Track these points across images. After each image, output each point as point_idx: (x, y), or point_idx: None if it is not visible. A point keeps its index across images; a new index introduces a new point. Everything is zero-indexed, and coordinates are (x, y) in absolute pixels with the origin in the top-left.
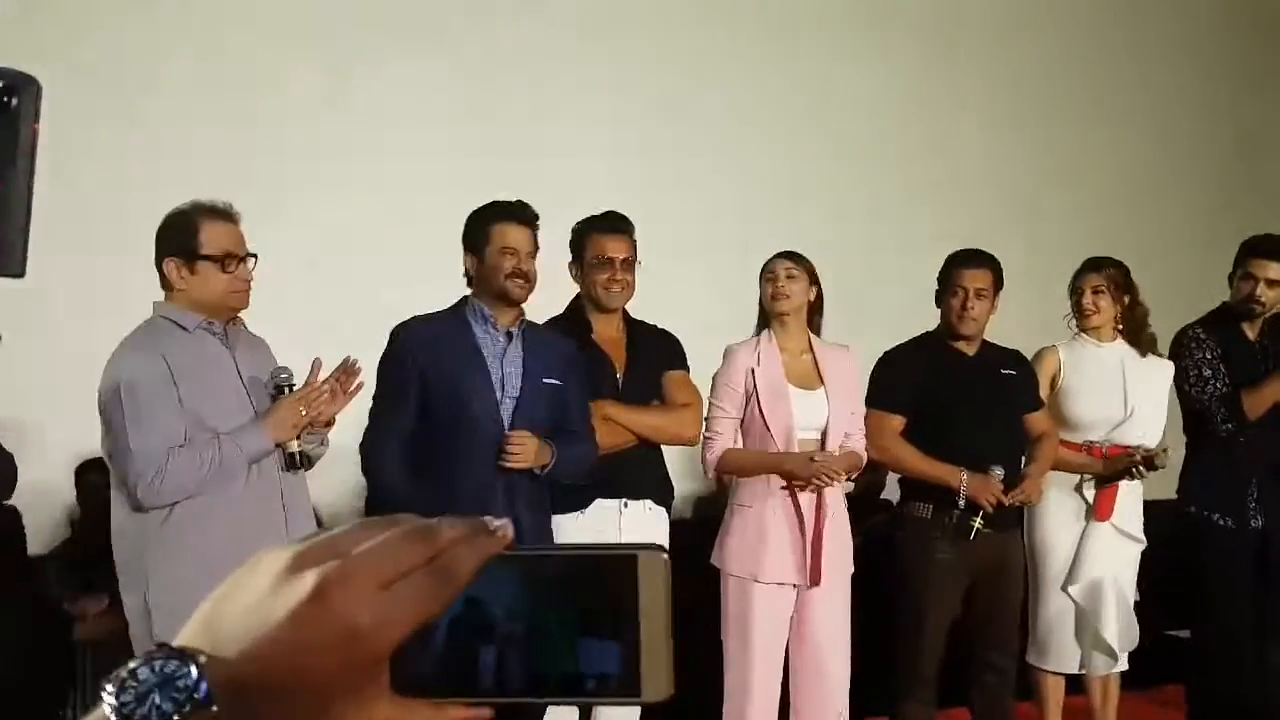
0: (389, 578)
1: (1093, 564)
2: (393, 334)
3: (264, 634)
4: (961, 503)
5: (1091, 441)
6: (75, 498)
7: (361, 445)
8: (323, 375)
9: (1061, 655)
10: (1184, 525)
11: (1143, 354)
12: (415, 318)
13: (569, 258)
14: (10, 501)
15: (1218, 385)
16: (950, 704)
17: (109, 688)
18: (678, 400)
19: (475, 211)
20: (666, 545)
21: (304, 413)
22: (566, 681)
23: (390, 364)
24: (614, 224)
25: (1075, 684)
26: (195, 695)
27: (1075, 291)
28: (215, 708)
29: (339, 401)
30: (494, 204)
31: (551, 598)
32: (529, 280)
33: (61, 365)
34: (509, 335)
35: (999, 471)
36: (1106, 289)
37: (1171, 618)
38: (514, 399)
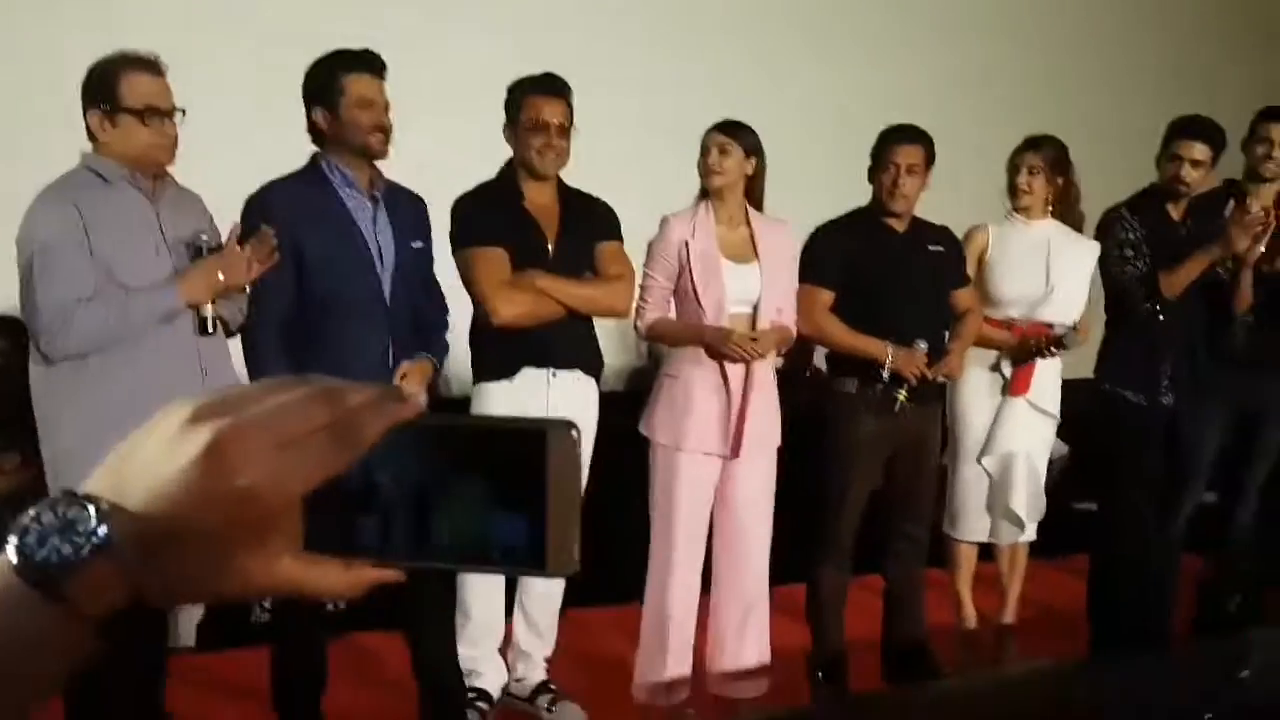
0: (287, 437)
1: (1007, 438)
2: (250, 204)
3: (161, 486)
4: (886, 376)
5: (1013, 318)
6: None
7: (242, 335)
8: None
9: (973, 524)
10: (1099, 402)
11: (1072, 232)
12: (274, 183)
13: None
14: None
15: (1138, 265)
16: (865, 572)
17: (13, 532)
18: (610, 272)
19: (321, 61)
20: (596, 415)
21: (220, 277)
22: (473, 550)
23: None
24: (551, 86)
25: (987, 553)
26: (94, 539)
27: (1012, 169)
28: (114, 552)
29: (255, 270)
30: (342, 53)
31: (461, 467)
32: (388, 134)
33: None
34: (374, 199)
35: (924, 345)
36: (1042, 169)
37: (1081, 491)
38: (391, 271)
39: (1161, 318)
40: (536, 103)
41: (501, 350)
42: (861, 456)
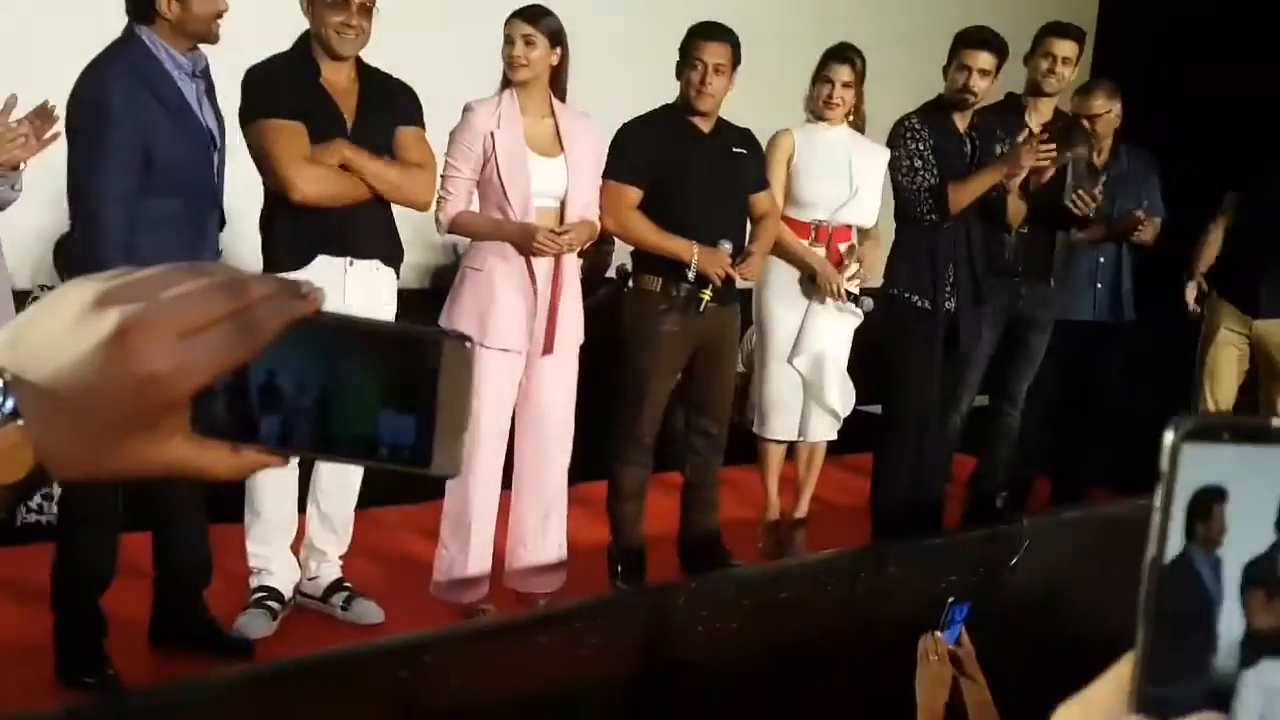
0: (190, 327)
1: (817, 338)
2: (88, 80)
3: (64, 366)
4: (691, 275)
5: (819, 220)
6: None
7: (78, 212)
8: (17, 115)
9: (783, 424)
10: (886, 306)
11: (863, 138)
12: (107, 63)
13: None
14: None
15: (926, 176)
16: (664, 469)
17: None
18: (410, 159)
19: None
20: (394, 310)
21: (13, 146)
22: (362, 445)
23: (108, 116)
24: None
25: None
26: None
27: (823, 80)
28: (20, 422)
29: (32, 147)
30: None
31: (356, 365)
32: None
33: None
34: (195, 77)
35: (727, 246)
36: (853, 84)
37: (865, 394)
38: (220, 150)
39: (945, 227)
40: None
41: (295, 236)
42: (663, 354)
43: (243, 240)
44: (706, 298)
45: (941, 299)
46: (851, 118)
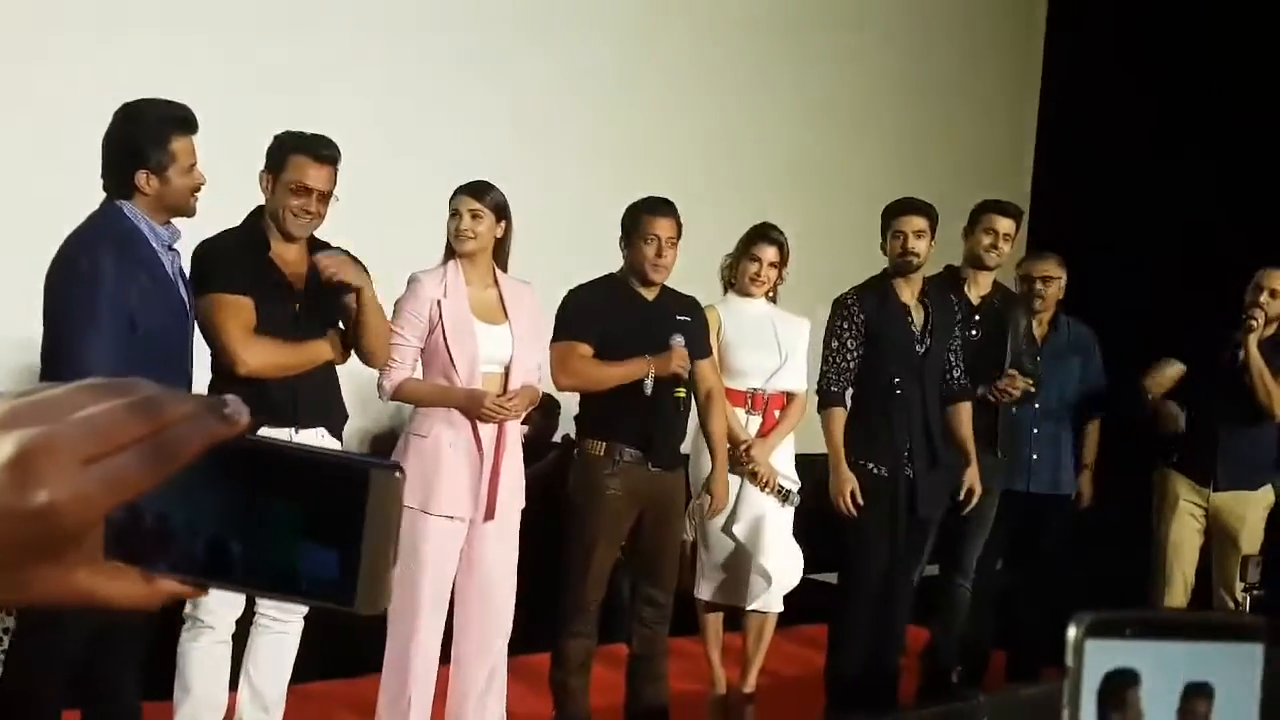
0: (97, 452)
1: (753, 503)
2: (78, 247)
3: None
4: (650, 385)
5: (755, 389)
6: None
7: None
8: None
9: (726, 589)
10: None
11: (780, 310)
12: (93, 224)
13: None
14: None
15: (845, 356)
16: (609, 640)
17: None
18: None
19: (149, 121)
20: None
21: None
22: (282, 578)
23: (100, 282)
24: (321, 151)
25: (732, 625)
26: None
27: (749, 259)
28: None
29: None
30: (175, 116)
31: (278, 494)
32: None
33: None
34: (170, 248)
35: (679, 339)
36: (777, 264)
37: (818, 563)
38: (191, 326)
39: (898, 394)
40: (302, 164)
41: None
42: (608, 517)
43: None
44: (681, 394)
45: (900, 465)
46: (771, 294)
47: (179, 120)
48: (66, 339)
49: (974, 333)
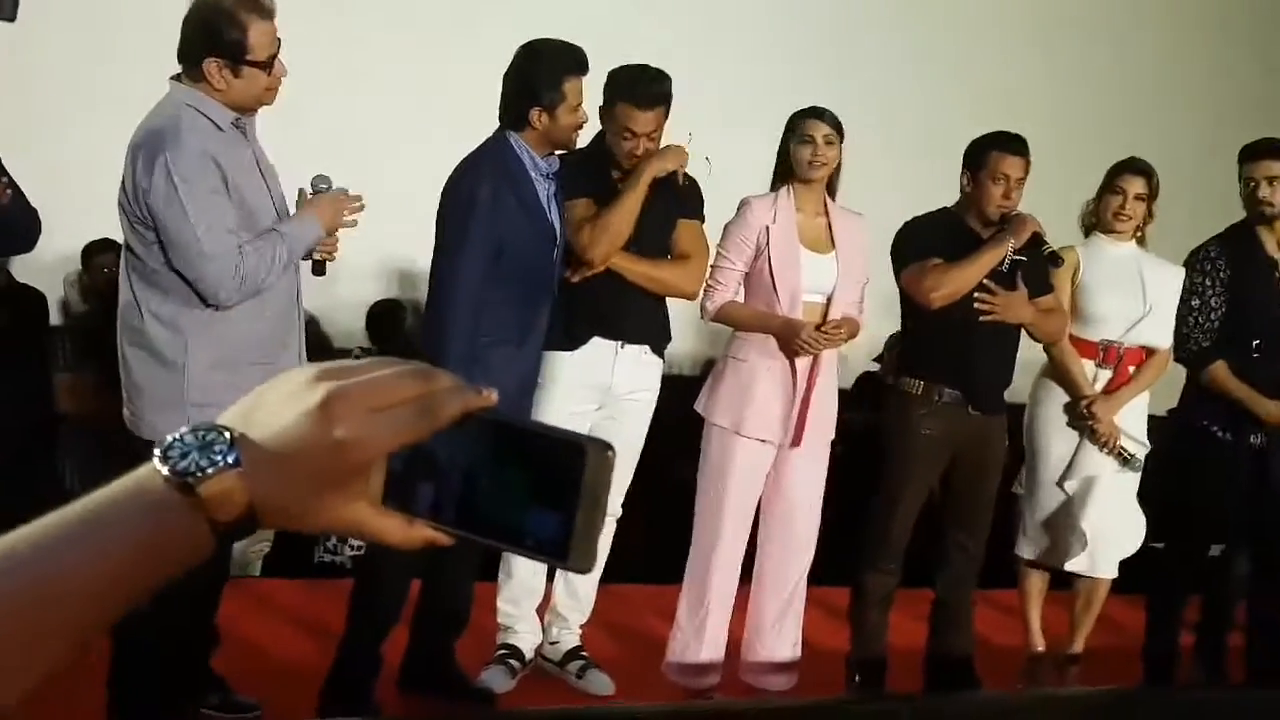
0: (382, 404)
1: (1092, 463)
2: (462, 175)
3: (281, 428)
4: (1009, 261)
5: (1109, 341)
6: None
7: (434, 287)
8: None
9: (1050, 549)
10: (1181, 438)
11: (1154, 256)
12: (480, 154)
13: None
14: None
15: (1207, 314)
16: (914, 585)
17: (158, 447)
18: (684, 250)
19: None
20: (657, 393)
21: (345, 215)
22: (510, 532)
23: (474, 209)
24: (648, 99)
25: (1065, 583)
26: (226, 457)
27: (1113, 191)
28: (240, 470)
29: (350, 219)
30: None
31: (513, 461)
32: None
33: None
34: (549, 178)
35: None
36: (1146, 198)
37: (1155, 530)
38: (558, 249)
39: (1256, 355)
40: (632, 113)
41: (572, 319)
42: (920, 459)
43: None
44: (1048, 250)
45: (1246, 430)
46: (1140, 234)
47: (574, 62)
48: (442, 257)
49: None
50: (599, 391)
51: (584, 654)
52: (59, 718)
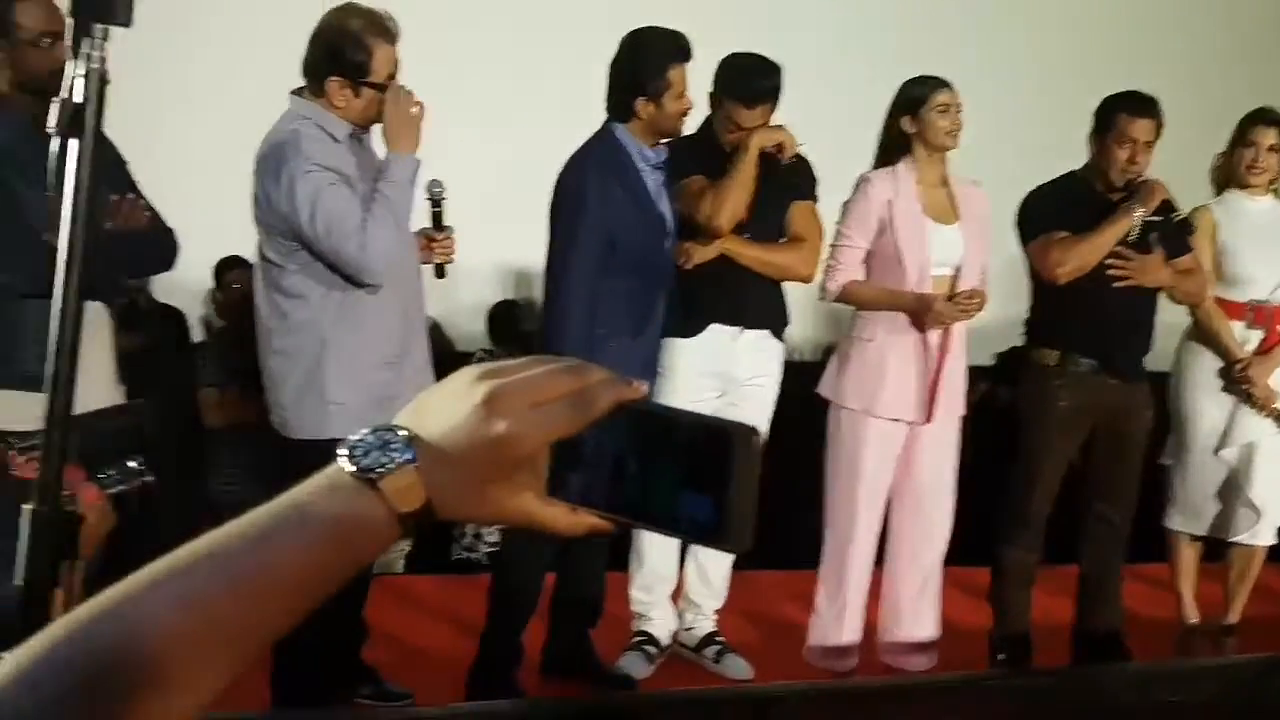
0: (540, 399)
1: (1248, 428)
2: (570, 172)
3: (448, 425)
4: (1137, 230)
5: (1256, 301)
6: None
7: (550, 283)
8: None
9: (1204, 519)
10: None
11: None
12: (587, 149)
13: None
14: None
15: None
16: (1058, 561)
17: (342, 446)
18: (798, 233)
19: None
20: (779, 378)
21: (410, 110)
22: (668, 517)
23: (583, 205)
24: (756, 93)
25: (1217, 555)
26: (402, 454)
27: (1245, 144)
28: (416, 466)
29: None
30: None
31: (667, 448)
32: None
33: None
34: (657, 169)
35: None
36: (1278, 147)
37: None
38: (673, 237)
39: None
40: (738, 110)
41: (691, 306)
42: (1058, 431)
43: None
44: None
45: None
46: (1275, 187)
47: (676, 49)
48: (555, 254)
49: None
50: (720, 378)
51: (720, 639)
52: (226, 709)
